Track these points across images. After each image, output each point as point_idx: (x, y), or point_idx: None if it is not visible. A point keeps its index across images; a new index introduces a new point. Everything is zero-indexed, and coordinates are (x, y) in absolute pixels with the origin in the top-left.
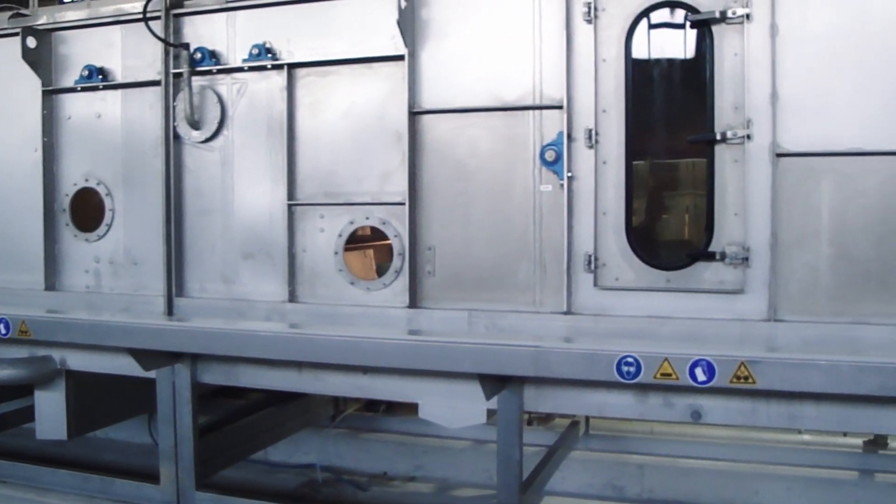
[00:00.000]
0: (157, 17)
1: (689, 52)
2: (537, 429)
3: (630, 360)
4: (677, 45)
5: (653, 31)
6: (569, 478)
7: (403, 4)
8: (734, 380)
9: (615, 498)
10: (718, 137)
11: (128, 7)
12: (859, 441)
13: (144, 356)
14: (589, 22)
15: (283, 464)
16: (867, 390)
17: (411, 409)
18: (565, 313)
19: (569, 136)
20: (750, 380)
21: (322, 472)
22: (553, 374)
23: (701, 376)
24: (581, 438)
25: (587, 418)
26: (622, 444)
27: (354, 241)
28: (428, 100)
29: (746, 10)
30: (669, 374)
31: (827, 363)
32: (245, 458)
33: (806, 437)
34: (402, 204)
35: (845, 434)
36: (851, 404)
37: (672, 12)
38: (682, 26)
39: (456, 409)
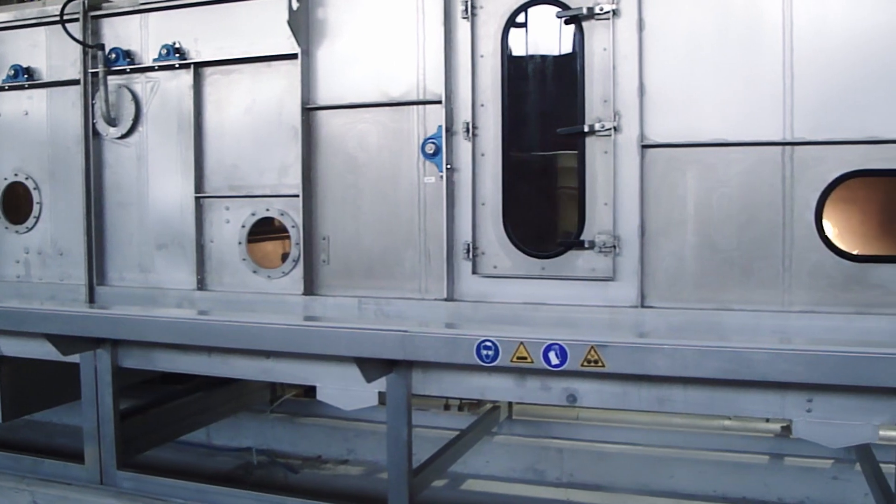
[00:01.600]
0: (76, 20)
1: (562, 48)
2: (466, 414)
3: (489, 343)
4: (550, 40)
5: (527, 28)
6: (492, 462)
7: (295, 6)
8: (585, 363)
9: (536, 481)
10: (587, 129)
11: (51, 9)
12: (777, 427)
13: (62, 341)
14: (467, 19)
15: (223, 447)
16: (707, 373)
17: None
18: (446, 300)
19: (448, 130)
20: (599, 363)
21: (258, 455)
22: (419, 357)
23: (554, 360)
24: (504, 423)
25: (510, 404)
26: (544, 429)
27: (275, 231)
28: (321, 96)
29: (613, 6)
30: (525, 358)
31: (670, 347)
32: (172, 439)
33: (727, 422)
34: (298, 196)
35: (768, 420)
36: (715, 388)
37: (545, 9)
38: (554, 22)
39: (349, 391)
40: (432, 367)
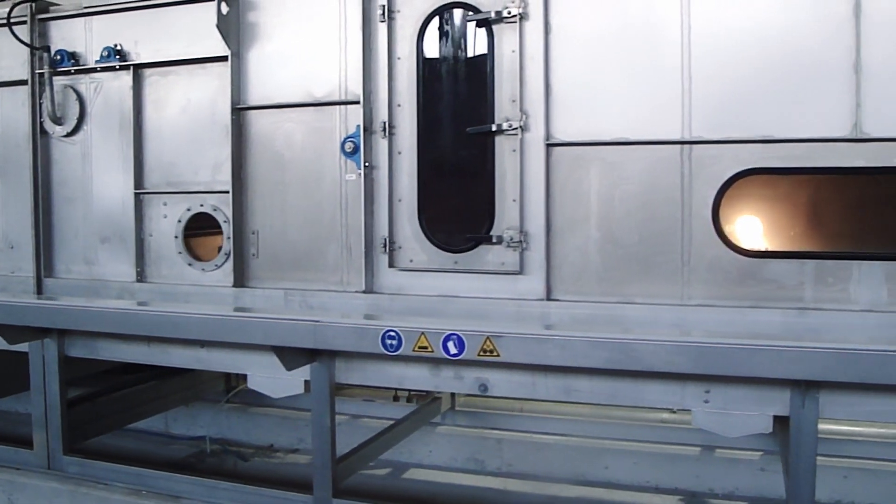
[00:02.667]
0: (24, 22)
1: (473, 50)
2: (415, 405)
3: (392, 333)
4: (463, 43)
5: (441, 30)
6: (435, 451)
7: (225, 10)
8: (481, 353)
9: (476, 471)
10: (495, 129)
11: (2, 11)
12: None
13: (10, 331)
14: (384, 22)
15: (180, 436)
16: (595, 363)
17: None
18: (365, 292)
19: (367, 129)
20: (495, 353)
21: (212, 444)
22: (329, 346)
23: (452, 349)
24: (448, 414)
25: (453, 395)
26: (486, 420)
27: (217, 226)
28: (251, 97)
29: (521, 10)
30: (426, 347)
31: (560, 338)
32: (121, 427)
33: (665, 415)
34: (229, 192)
35: None
36: (618, 378)
37: (458, 12)
38: (467, 25)
39: (277, 379)
40: (354, 357)
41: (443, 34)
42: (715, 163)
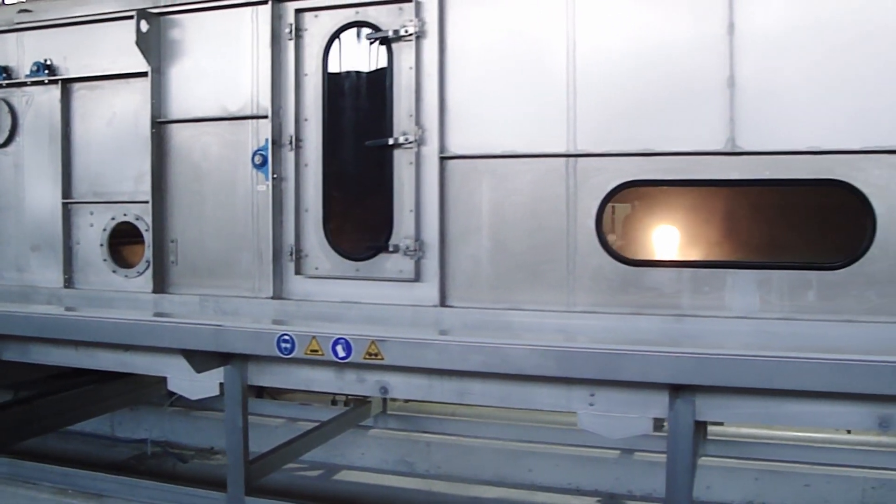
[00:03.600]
0: None
1: (374, 67)
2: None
3: (286, 337)
4: (365, 60)
5: (345, 49)
6: (367, 454)
7: (144, 28)
8: (367, 356)
9: (406, 473)
10: (392, 143)
11: None
12: None
13: None
14: (292, 40)
15: (125, 438)
16: (472, 367)
17: None
18: (273, 298)
19: (276, 142)
20: (379, 356)
21: (153, 446)
22: (230, 349)
23: (341, 352)
24: (380, 418)
25: (385, 400)
26: (416, 424)
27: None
28: (172, 110)
29: (417, 29)
30: (317, 350)
31: (439, 343)
32: (56, 429)
33: None
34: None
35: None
36: (509, 382)
37: (361, 31)
38: (368, 43)
39: (195, 382)
40: (264, 361)
41: (346, 52)
42: (598, 175)
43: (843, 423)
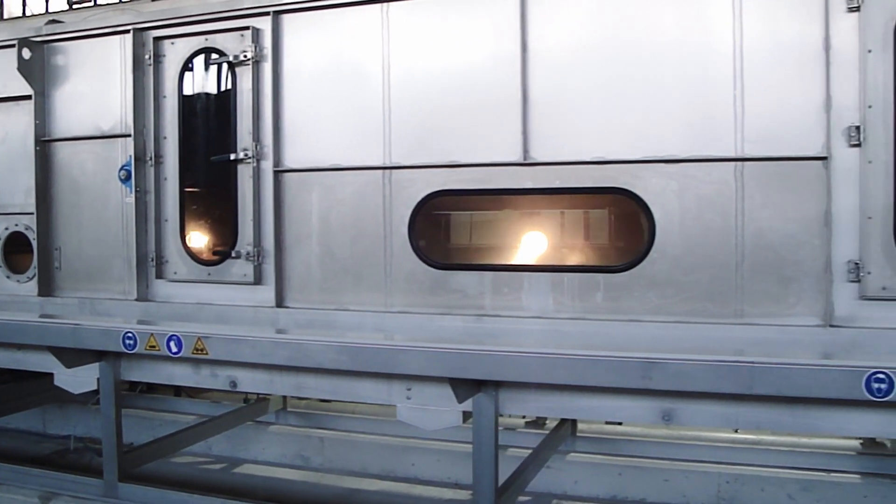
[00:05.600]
0: None
1: (222, 89)
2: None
3: (130, 334)
4: (213, 83)
5: (197, 73)
6: (267, 449)
7: (27, 55)
8: (195, 351)
9: (302, 467)
10: (234, 158)
11: None
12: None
13: None
14: (151, 65)
15: (53, 434)
16: (279, 361)
17: (164, 389)
18: (138, 300)
19: (139, 159)
20: (204, 351)
21: (76, 442)
22: (82, 345)
23: (174, 348)
24: (281, 414)
25: (285, 398)
26: (312, 420)
27: None
28: (55, 130)
29: (255, 54)
30: (154, 346)
31: (253, 339)
32: None
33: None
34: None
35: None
36: (337, 377)
37: (210, 56)
38: (216, 67)
39: (76, 376)
40: (135, 358)
41: (198, 76)
42: (411, 186)
43: (630, 416)
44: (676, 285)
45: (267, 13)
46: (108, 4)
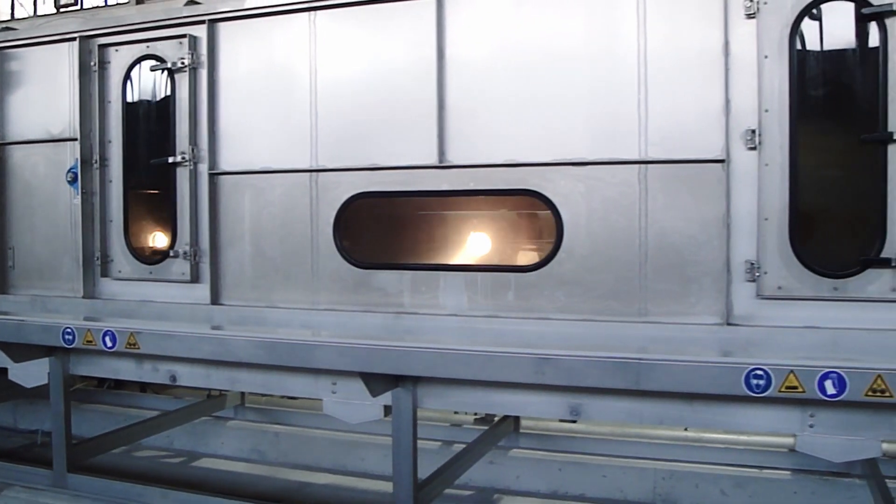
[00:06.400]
0: None
1: (163, 94)
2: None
3: (69, 330)
4: (154, 89)
5: (139, 78)
6: (226, 443)
7: None
8: (128, 345)
9: (258, 461)
10: (171, 161)
11: None
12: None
13: None
14: (96, 72)
15: (23, 429)
16: (204, 355)
17: (131, 386)
18: (85, 298)
19: (86, 162)
20: (136, 346)
21: (43, 436)
22: (27, 340)
23: (108, 343)
24: (240, 410)
25: (243, 394)
26: (269, 416)
27: None
28: (10, 133)
29: (192, 61)
30: (91, 342)
31: (181, 334)
32: None
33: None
34: None
35: (456, 413)
36: (269, 371)
37: (151, 63)
38: (157, 74)
39: (26, 370)
40: (84, 353)
41: (140, 82)
42: (335, 188)
43: (540, 411)
44: (584, 284)
45: (203, 21)
46: (92, 8)
